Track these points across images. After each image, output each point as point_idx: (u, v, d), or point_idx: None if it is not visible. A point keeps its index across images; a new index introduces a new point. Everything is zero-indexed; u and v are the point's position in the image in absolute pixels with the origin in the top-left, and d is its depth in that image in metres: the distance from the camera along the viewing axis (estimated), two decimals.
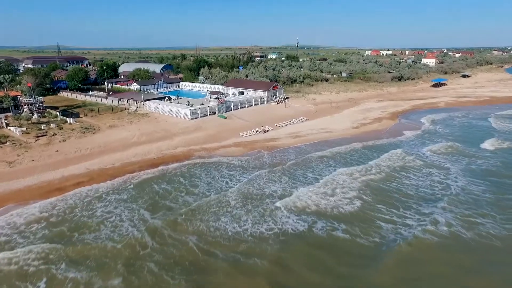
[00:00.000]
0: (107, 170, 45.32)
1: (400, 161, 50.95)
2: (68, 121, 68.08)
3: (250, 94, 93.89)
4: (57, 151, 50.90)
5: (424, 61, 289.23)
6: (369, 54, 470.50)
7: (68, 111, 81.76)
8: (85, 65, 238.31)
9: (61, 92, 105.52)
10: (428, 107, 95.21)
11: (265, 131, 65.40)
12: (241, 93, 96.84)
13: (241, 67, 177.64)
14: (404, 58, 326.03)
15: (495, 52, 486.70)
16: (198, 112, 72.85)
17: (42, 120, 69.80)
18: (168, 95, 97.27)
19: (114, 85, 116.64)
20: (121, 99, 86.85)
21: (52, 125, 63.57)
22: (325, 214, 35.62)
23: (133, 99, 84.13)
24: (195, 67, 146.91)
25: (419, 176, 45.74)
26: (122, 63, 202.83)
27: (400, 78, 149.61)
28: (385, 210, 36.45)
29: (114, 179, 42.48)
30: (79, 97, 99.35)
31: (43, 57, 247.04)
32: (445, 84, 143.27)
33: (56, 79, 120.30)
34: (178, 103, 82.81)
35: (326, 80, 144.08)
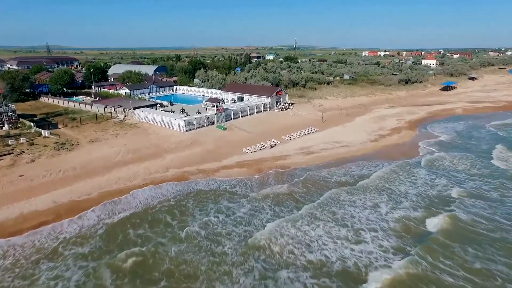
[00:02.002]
0: (80, 203, 36.13)
1: (435, 189, 42.18)
2: (43, 134, 58.68)
3: (252, 100, 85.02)
4: (21, 175, 41.58)
5: (424, 62, 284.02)
6: (367, 54, 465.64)
7: (47, 120, 72.31)
8: (75, 66, 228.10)
9: (42, 97, 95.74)
10: (446, 114, 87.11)
11: (271, 146, 56.63)
12: (241, 99, 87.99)
13: (238, 69, 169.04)
14: (403, 59, 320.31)
15: (491, 53, 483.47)
16: (194, 122, 63.83)
17: (12, 132, 60.37)
18: (160, 101, 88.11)
19: (102, 89, 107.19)
20: (107, 106, 77.51)
21: (22, 140, 54.13)
22: (357, 278, 26.61)
23: (120, 106, 74.84)
24: (190, 69, 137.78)
25: (470, 214, 36.38)
26: (113, 64, 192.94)
27: (407, 81, 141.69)
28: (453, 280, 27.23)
29: (85, 217, 33.29)
30: (61, 103, 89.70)
31: (30, 57, 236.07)
32: (454, 88, 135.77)
33: (38, 82, 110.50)
34: (171, 110, 73.75)
35: (330, 83, 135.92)
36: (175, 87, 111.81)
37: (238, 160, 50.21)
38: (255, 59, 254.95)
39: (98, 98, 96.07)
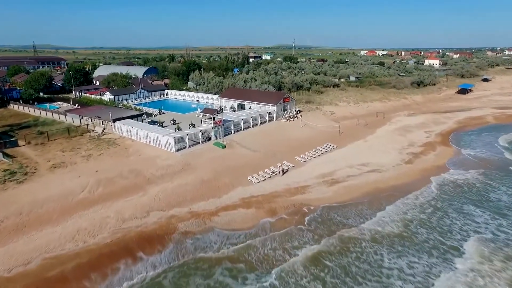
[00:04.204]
0: (10, 283, 24.04)
1: None
2: None
3: (254, 108, 73.16)
4: None
5: (427, 62, 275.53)
6: (365, 54, 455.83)
7: (9, 134, 59.93)
8: (61, 67, 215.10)
9: (11, 104, 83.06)
10: (477, 123, 75.99)
11: (283, 171, 44.79)
12: (241, 106, 76.10)
13: (236, 70, 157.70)
14: (404, 59, 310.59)
15: (489, 53, 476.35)
16: (186, 139, 51.81)
17: None
18: (148, 108, 75.95)
19: (84, 94, 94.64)
20: (84, 117, 65.19)
21: None
22: None
23: (98, 117, 62.55)
24: (184, 70, 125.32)
25: None
26: (102, 65, 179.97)
27: (419, 84, 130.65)
28: None
29: None
30: (32, 111, 77.16)
31: (12, 57, 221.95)
32: (471, 91, 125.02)
33: (9, 86, 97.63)
34: (159, 122, 61.66)
35: (336, 85, 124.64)
36: (166, 91, 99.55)
37: (243, 195, 38.29)
38: (252, 59, 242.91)
39: (77, 105, 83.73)
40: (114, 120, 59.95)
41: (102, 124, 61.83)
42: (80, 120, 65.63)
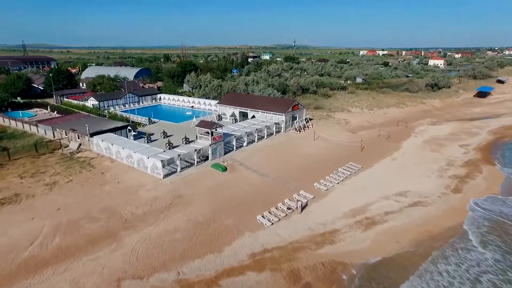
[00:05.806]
0: None
1: None
2: None
3: (258, 117, 63.07)
4: None
5: (431, 62, 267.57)
6: (365, 54, 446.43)
7: None
8: (52, 67, 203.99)
9: None
10: None
11: (302, 207, 34.70)
12: (243, 114, 66.06)
13: (235, 70, 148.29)
14: (406, 59, 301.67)
15: (489, 53, 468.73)
16: (178, 162, 41.60)
17: None
18: (136, 116, 65.78)
19: (65, 99, 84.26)
20: (57, 130, 54.90)
21: None
22: None
23: (73, 130, 52.24)
24: (179, 71, 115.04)
25: None
26: (94, 65, 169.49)
27: (433, 86, 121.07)
28: None
29: None
30: (1, 120, 66.74)
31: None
32: (490, 94, 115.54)
33: None
34: (147, 135, 51.41)
35: (343, 88, 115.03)
36: (159, 95, 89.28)
37: (253, 247, 28.10)
38: (251, 59, 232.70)
39: (55, 112, 73.38)
40: (92, 135, 49.67)
41: (79, 138, 51.58)
42: (53, 132, 55.39)
